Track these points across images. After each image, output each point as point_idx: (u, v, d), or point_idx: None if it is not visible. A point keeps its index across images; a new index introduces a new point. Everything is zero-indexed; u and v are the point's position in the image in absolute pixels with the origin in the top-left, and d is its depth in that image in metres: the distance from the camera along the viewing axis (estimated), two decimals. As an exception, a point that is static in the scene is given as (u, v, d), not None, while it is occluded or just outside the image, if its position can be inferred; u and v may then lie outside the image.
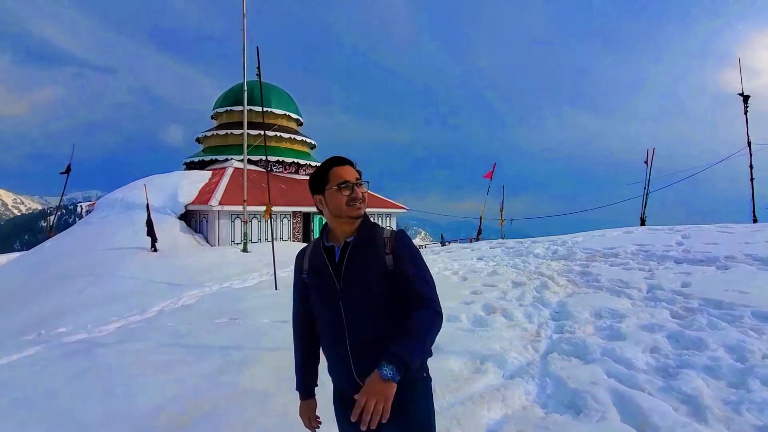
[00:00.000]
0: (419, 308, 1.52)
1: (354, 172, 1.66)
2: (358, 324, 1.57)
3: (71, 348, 5.07)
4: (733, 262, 6.43)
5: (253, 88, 16.03)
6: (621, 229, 11.70)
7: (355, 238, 1.63)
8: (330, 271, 1.62)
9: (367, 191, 1.69)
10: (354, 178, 1.64)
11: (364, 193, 1.65)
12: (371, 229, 1.67)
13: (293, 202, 18.89)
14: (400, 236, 1.65)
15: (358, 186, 1.63)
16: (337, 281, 1.60)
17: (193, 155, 22.62)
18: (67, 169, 17.55)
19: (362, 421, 1.31)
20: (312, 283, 1.69)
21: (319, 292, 1.66)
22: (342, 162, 1.67)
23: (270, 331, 5.07)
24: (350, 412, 1.38)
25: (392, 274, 1.58)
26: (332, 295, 1.61)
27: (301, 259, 1.75)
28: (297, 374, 1.78)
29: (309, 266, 1.70)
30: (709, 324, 4.16)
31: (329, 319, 1.63)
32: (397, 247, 1.60)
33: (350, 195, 1.60)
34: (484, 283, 6.83)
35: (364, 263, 1.59)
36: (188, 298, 8.15)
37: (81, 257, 12.39)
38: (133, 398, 3.35)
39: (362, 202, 1.64)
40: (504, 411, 2.91)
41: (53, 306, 8.57)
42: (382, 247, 1.60)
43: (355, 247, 1.61)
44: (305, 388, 1.77)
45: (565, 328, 4.48)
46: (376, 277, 1.58)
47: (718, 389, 2.99)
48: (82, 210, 26.71)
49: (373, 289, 1.57)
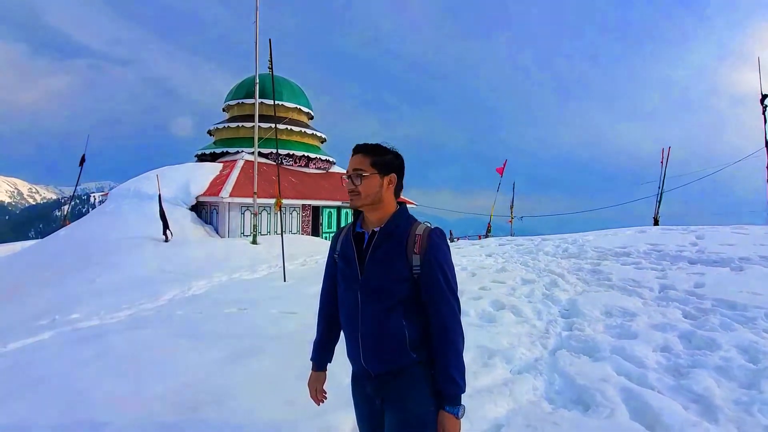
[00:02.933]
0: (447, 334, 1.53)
1: (357, 162, 1.61)
2: (371, 315, 1.57)
3: (84, 333, 5.16)
4: (747, 264, 6.32)
5: (264, 81, 16.08)
6: (633, 228, 11.55)
7: (384, 227, 1.61)
8: (354, 257, 1.63)
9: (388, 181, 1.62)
10: (352, 169, 1.61)
11: (358, 186, 1.59)
12: (404, 221, 1.62)
13: (303, 196, 18.97)
14: (435, 236, 1.57)
15: (354, 178, 1.60)
16: (359, 268, 1.61)
17: (204, 147, 22.80)
18: (82, 159, 17.82)
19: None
20: (340, 265, 1.71)
21: (343, 275, 1.68)
22: (355, 150, 1.64)
23: (278, 322, 5.11)
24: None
25: (415, 277, 1.55)
26: (353, 281, 1.62)
27: (336, 240, 1.77)
28: (314, 346, 1.82)
29: (340, 248, 1.72)
30: (722, 324, 4.09)
31: (348, 304, 1.65)
32: (428, 249, 1.54)
33: (348, 186, 1.62)
34: (492, 280, 6.79)
35: (387, 257, 1.57)
36: (198, 287, 8.23)
37: (94, 246, 12.58)
38: (143, 383, 3.40)
39: (356, 195, 1.60)
40: (511, 405, 2.90)
41: (67, 293, 8.72)
42: (411, 245, 1.56)
43: (381, 237, 1.59)
44: (319, 359, 1.81)
45: (575, 326, 4.44)
46: (396, 274, 1.55)
47: (729, 389, 2.95)
48: (96, 200, 27.11)
49: (390, 286, 1.56)
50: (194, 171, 18.34)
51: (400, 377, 1.57)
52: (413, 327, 1.56)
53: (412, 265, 1.54)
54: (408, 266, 1.54)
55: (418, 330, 1.57)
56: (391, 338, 1.55)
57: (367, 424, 1.70)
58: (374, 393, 1.63)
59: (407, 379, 1.56)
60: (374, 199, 1.60)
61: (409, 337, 1.55)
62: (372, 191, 1.59)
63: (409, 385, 1.56)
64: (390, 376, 1.57)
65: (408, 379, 1.56)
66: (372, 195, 1.60)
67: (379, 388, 1.61)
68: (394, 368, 1.56)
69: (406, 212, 1.66)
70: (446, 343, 1.53)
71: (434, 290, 1.54)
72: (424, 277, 1.54)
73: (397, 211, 1.64)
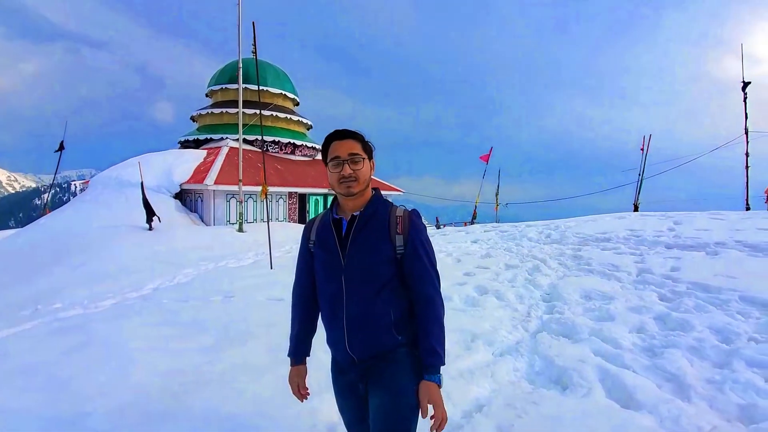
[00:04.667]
0: (434, 306, 1.56)
1: (350, 147, 1.56)
2: (357, 300, 1.56)
3: (67, 323, 5.11)
4: (723, 248, 6.52)
5: (248, 65, 15.78)
6: (614, 214, 11.78)
7: (363, 212, 1.59)
8: (336, 244, 1.59)
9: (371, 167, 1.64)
10: (346, 153, 1.56)
11: (357, 170, 1.56)
12: (382, 205, 1.63)
13: (289, 183, 18.83)
14: (414, 218, 1.61)
15: (352, 163, 1.55)
16: (341, 255, 1.58)
17: (188, 134, 22.39)
18: (60, 146, 17.35)
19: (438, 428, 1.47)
20: (318, 255, 1.66)
21: (323, 264, 1.64)
22: (341, 135, 1.59)
23: (265, 309, 5.12)
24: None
25: (399, 257, 1.57)
26: (335, 268, 1.59)
27: (309, 229, 1.72)
28: (291, 341, 1.78)
29: (316, 237, 1.67)
30: (696, 307, 4.23)
31: (330, 292, 1.61)
32: (410, 229, 1.57)
33: (339, 172, 1.55)
34: (477, 265, 6.89)
35: (370, 240, 1.57)
36: (183, 276, 8.17)
37: (75, 235, 12.34)
38: (128, 371, 3.39)
39: (354, 181, 1.56)
40: (493, 386, 2.98)
41: (49, 282, 8.58)
42: (393, 226, 1.57)
43: (362, 222, 1.58)
44: (298, 353, 1.77)
45: (555, 309, 4.56)
46: (381, 256, 1.56)
47: (702, 369, 3.06)
48: (76, 188, 26.51)
49: (376, 268, 1.56)
50: (177, 158, 18.04)
51: (384, 360, 1.58)
52: (397, 308, 1.59)
53: (395, 245, 1.56)
54: (392, 247, 1.56)
55: (402, 311, 1.60)
56: (377, 320, 1.56)
57: (350, 412, 1.70)
58: (358, 378, 1.63)
59: (391, 361, 1.58)
60: (366, 185, 1.60)
61: (394, 318, 1.57)
62: (367, 176, 1.60)
63: (393, 367, 1.58)
64: (374, 360, 1.58)
65: (392, 361, 1.58)
66: (367, 180, 1.60)
67: (362, 374, 1.61)
68: (380, 351, 1.58)
69: (381, 196, 1.67)
70: (430, 314, 1.56)
71: (418, 266, 1.57)
72: (408, 256, 1.56)
73: (374, 195, 1.64)
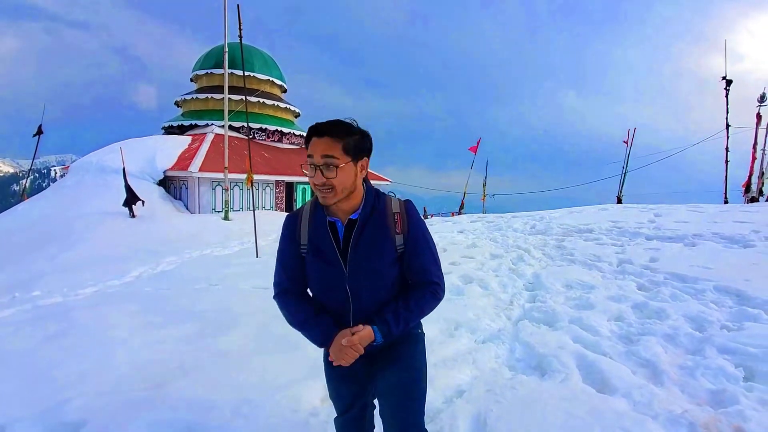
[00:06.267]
0: (429, 294, 1.55)
1: (326, 148, 1.33)
2: (364, 302, 1.51)
3: (46, 311, 5.03)
4: (700, 240, 6.69)
5: (234, 50, 15.47)
6: (597, 206, 11.99)
7: (361, 215, 1.46)
8: (336, 255, 1.45)
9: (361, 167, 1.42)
10: (320, 157, 1.33)
11: (331, 179, 1.33)
12: (377, 202, 1.50)
13: (276, 171, 18.66)
14: (411, 212, 1.53)
15: (326, 169, 1.33)
16: (344, 265, 1.46)
17: (172, 119, 21.94)
18: (38, 130, 16.87)
19: (338, 358, 1.44)
20: (312, 262, 1.50)
21: (321, 273, 1.50)
22: (319, 132, 1.35)
23: (250, 297, 5.10)
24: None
25: (402, 255, 1.52)
26: (337, 278, 1.47)
27: (295, 230, 1.52)
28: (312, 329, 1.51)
29: (309, 243, 1.48)
30: (672, 296, 4.35)
31: (333, 297, 1.52)
32: (410, 227, 1.50)
33: (312, 179, 1.36)
34: (462, 255, 6.96)
35: (372, 245, 1.46)
36: (167, 264, 8.08)
37: (55, 222, 12.08)
38: (109, 359, 3.36)
39: (329, 190, 1.34)
40: (474, 372, 3.03)
41: (27, 270, 8.41)
42: (392, 226, 1.48)
43: (361, 227, 1.45)
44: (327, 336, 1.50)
45: (538, 298, 4.64)
46: (385, 259, 1.48)
47: (675, 355, 3.15)
48: (56, 174, 25.86)
49: (381, 272, 1.49)
50: (161, 144, 17.72)
51: (392, 345, 1.58)
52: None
53: (396, 245, 1.49)
54: (394, 247, 1.49)
55: None
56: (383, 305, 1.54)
57: (346, 398, 1.65)
58: (360, 365, 1.54)
59: (403, 342, 1.60)
60: (349, 191, 1.41)
61: None
62: (348, 183, 1.38)
63: (406, 347, 1.61)
64: (381, 346, 1.54)
65: (404, 342, 1.61)
66: (348, 187, 1.39)
67: (369, 362, 1.58)
68: (390, 341, 1.54)
69: (373, 189, 1.53)
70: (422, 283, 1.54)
71: (419, 261, 1.54)
72: (409, 252, 1.52)
73: (366, 191, 1.49)
